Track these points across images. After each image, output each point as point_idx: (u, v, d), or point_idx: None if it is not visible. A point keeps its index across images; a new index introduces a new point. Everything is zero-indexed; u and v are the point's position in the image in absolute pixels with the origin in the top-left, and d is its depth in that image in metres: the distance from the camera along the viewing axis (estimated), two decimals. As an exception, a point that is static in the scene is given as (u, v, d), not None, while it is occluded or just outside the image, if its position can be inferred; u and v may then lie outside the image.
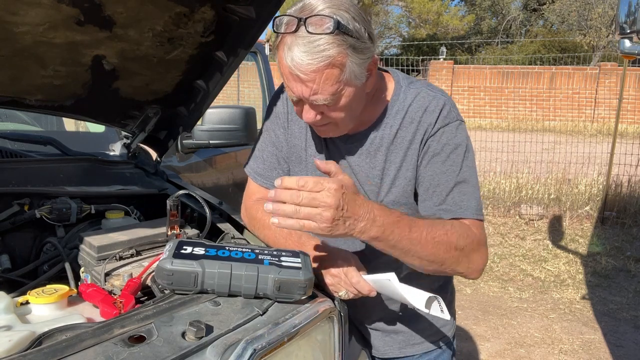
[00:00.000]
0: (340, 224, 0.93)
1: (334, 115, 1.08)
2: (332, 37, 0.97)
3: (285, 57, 1.00)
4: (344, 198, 0.92)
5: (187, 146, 2.39)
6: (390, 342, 1.36)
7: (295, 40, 0.98)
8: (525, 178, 6.32)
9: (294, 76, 1.01)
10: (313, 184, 0.92)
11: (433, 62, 15.45)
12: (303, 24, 0.97)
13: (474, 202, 1.14)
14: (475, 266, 1.11)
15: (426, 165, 1.16)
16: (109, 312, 0.99)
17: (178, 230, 1.30)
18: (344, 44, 0.98)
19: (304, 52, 0.97)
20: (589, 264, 4.59)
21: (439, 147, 1.14)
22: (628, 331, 3.43)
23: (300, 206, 0.92)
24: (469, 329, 3.45)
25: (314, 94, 1.02)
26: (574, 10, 21.32)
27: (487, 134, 7.59)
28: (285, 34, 1.00)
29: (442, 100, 1.15)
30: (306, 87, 1.01)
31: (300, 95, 1.04)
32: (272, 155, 1.32)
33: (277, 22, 1.02)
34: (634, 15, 1.43)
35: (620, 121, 5.57)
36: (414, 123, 1.16)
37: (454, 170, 1.14)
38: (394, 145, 1.18)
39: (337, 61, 0.99)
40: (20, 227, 1.38)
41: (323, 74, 0.99)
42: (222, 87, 1.64)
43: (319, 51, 0.97)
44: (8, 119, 2.63)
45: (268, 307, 0.96)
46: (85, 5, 1.23)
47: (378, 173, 1.20)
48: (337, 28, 0.96)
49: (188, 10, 1.35)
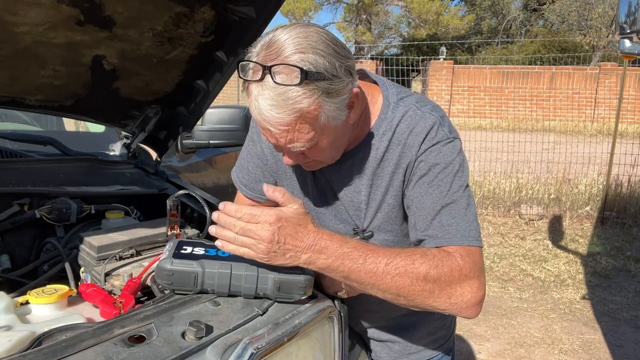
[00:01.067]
0: (279, 255, 0.91)
1: (316, 156, 1.02)
2: (301, 87, 0.88)
3: (253, 109, 0.93)
4: (280, 232, 0.89)
5: (187, 146, 2.39)
6: (387, 351, 1.34)
7: (261, 90, 0.90)
8: (525, 178, 6.32)
9: (265, 128, 0.95)
10: (249, 216, 0.90)
11: (433, 62, 15.45)
12: (269, 72, 0.88)
13: (464, 225, 1.00)
14: (460, 301, 0.95)
15: (412, 188, 1.06)
16: (109, 312, 1.00)
17: (178, 230, 1.31)
18: (315, 93, 0.90)
19: (272, 106, 0.90)
20: (589, 264, 4.59)
21: (426, 168, 1.04)
22: (628, 331, 3.43)
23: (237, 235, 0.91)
24: (469, 329, 3.45)
25: (290, 143, 0.95)
26: (574, 10, 21.33)
27: (487, 134, 7.59)
28: (250, 82, 0.92)
29: (430, 120, 1.05)
30: (280, 138, 0.95)
31: (275, 145, 0.99)
32: (256, 167, 1.27)
33: (242, 67, 0.93)
34: (634, 15, 1.43)
35: (620, 121, 5.56)
36: (400, 145, 1.06)
37: (442, 191, 1.02)
38: (380, 169, 1.09)
39: (310, 113, 0.91)
40: (20, 227, 1.38)
41: (295, 126, 0.92)
42: (222, 87, 1.65)
43: (288, 105, 0.89)
44: (8, 119, 2.63)
45: (268, 307, 0.96)
46: (85, 5, 1.23)
47: (364, 198, 1.12)
48: (305, 78, 0.87)
49: (188, 10, 1.35)
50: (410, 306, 0.99)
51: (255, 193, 1.29)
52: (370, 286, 0.95)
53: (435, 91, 15.26)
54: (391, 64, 10.32)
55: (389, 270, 0.93)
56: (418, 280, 0.93)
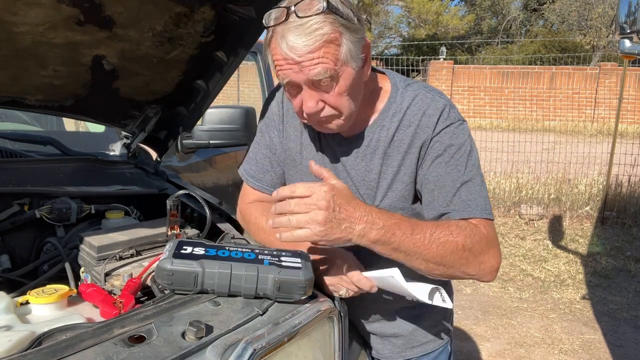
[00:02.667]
0: (335, 226, 0.92)
1: (335, 101, 1.05)
2: (323, 16, 0.97)
3: (279, 45, 0.99)
4: (335, 200, 0.92)
5: (187, 146, 2.38)
6: (390, 346, 1.35)
7: (286, 27, 0.97)
8: (525, 178, 6.32)
9: (290, 61, 0.99)
10: (303, 188, 0.92)
11: (433, 62, 15.45)
12: (293, 11, 0.97)
13: (481, 200, 1.09)
14: (487, 267, 1.06)
15: (428, 167, 1.12)
16: (109, 312, 0.99)
17: (178, 230, 1.31)
18: (335, 22, 0.98)
19: (298, 35, 0.96)
20: (589, 264, 4.59)
21: (442, 149, 1.11)
22: (628, 331, 3.43)
23: (293, 214, 0.92)
24: (469, 329, 3.45)
25: (314, 70, 0.99)
26: (574, 10, 21.33)
27: (487, 134, 7.59)
28: (275, 26, 0.99)
29: (441, 103, 1.12)
30: (304, 69, 0.99)
31: (297, 80, 1.02)
32: (265, 157, 1.31)
33: (266, 17, 1.01)
34: (634, 15, 1.43)
35: (620, 121, 5.56)
36: (412, 126, 1.13)
37: (459, 170, 1.10)
38: (391, 149, 1.15)
39: (332, 37, 0.98)
40: (20, 227, 1.37)
41: (320, 52, 0.98)
42: (222, 87, 1.64)
43: (313, 31, 0.96)
44: (8, 119, 2.63)
45: (268, 307, 0.96)
46: (85, 5, 1.23)
47: (375, 177, 1.17)
48: (327, 8, 0.96)
49: (188, 10, 1.35)
50: (444, 275, 1.06)
51: (262, 184, 1.31)
52: (416, 256, 1.00)
53: (435, 91, 15.24)
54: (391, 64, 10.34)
55: (434, 240, 0.99)
56: (457, 249, 1.01)
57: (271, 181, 1.32)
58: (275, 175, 1.32)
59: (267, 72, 3.44)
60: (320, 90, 1.03)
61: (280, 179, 1.33)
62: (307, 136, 1.24)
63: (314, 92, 1.03)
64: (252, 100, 6.39)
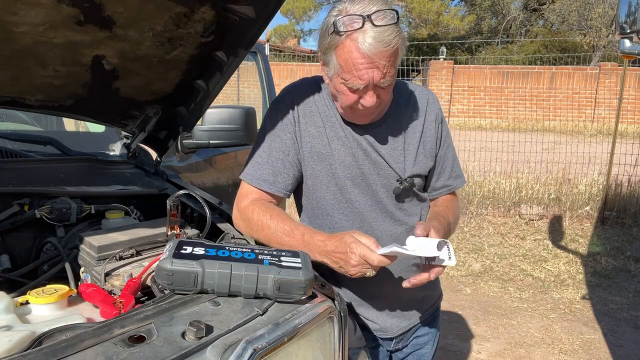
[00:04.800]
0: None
1: (387, 97, 1.28)
2: (395, 26, 1.16)
3: (361, 46, 1.14)
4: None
5: (187, 146, 2.38)
6: (398, 323, 1.49)
7: (367, 32, 1.14)
8: (525, 178, 6.32)
9: (369, 62, 1.15)
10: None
11: (433, 62, 15.43)
12: (369, 20, 1.14)
13: (460, 170, 1.53)
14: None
15: (444, 140, 1.45)
16: (109, 312, 0.99)
17: (178, 230, 1.31)
18: (400, 34, 1.17)
19: (380, 41, 1.13)
20: (589, 264, 4.59)
21: (444, 129, 1.45)
22: (628, 331, 3.43)
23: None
24: (469, 329, 3.45)
25: (383, 77, 1.18)
26: (574, 10, 21.30)
27: (487, 134, 7.59)
28: (352, 32, 1.15)
29: (432, 93, 1.47)
30: (379, 71, 1.17)
31: (370, 81, 1.18)
32: (278, 160, 1.37)
33: (339, 23, 1.16)
34: (634, 15, 1.43)
35: (620, 121, 5.56)
36: (422, 111, 1.41)
37: (450, 143, 1.48)
38: (410, 128, 1.40)
39: (399, 47, 1.18)
40: (20, 227, 1.38)
41: (391, 59, 1.17)
42: (222, 87, 1.64)
43: (391, 39, 1.14)
44: (8, 119, 2.63)
45: (268, 307, 0.96)
46: (85, 5, 1.23)
47: (400, 152, 1.39)
48: (398, 20, 1.16)
49: (188, 10, 1.35)
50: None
51: (275, 187, 1.37)
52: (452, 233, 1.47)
53: (436, 91, 15.24)
54: (391, 64, 10.29)
55: (453, 221, 1.45)
56: (456, 221, 1.50)
57: (284, 183, 1.37)
58: (288, 177, 1.37)
59: (267, 72, 3.44)
60: (378, 88, 1.22)
61: (292, 180, 1.39)
62: (331, 130, 1.38)
63: (373, 90, 1.22)
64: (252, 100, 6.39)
